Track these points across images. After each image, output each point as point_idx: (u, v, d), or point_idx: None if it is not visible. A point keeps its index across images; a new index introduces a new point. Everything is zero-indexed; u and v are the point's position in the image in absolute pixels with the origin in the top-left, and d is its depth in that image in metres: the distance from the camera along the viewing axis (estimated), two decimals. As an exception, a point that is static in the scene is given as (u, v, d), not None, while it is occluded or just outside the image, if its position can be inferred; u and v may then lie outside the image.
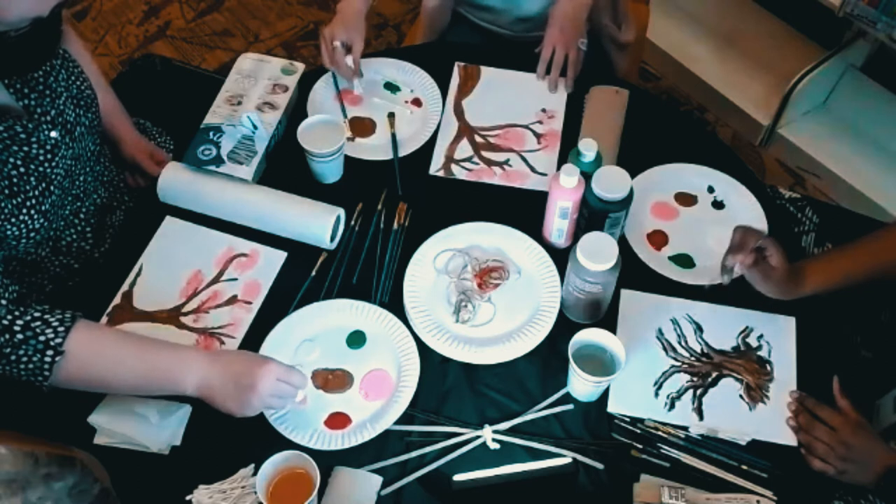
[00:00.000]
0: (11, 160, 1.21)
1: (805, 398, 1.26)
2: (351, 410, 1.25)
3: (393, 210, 1.47)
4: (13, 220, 1.21)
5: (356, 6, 1.58)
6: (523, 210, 1.45)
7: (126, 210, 1.52)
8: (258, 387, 1.13)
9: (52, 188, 1.27)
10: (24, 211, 1.22)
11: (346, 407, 1.25)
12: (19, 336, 1.10)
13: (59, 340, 1.11)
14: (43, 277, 1.38)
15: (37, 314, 1.12)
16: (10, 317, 1.11)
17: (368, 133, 1.58)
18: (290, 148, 1.49)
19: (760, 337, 1.33)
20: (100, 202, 1.45)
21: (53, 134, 1.27)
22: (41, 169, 1.25)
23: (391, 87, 1.65)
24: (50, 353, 1.11)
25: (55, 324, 1.12)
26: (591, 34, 1.73)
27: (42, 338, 1.11)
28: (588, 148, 1.38)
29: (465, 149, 1.56)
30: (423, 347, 1.31)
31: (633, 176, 1.33)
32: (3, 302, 1.12)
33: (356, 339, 1.32)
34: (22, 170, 1.22)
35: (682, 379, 1.29)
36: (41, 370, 1.11)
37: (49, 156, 1.26)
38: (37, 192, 1.24)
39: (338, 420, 1.24)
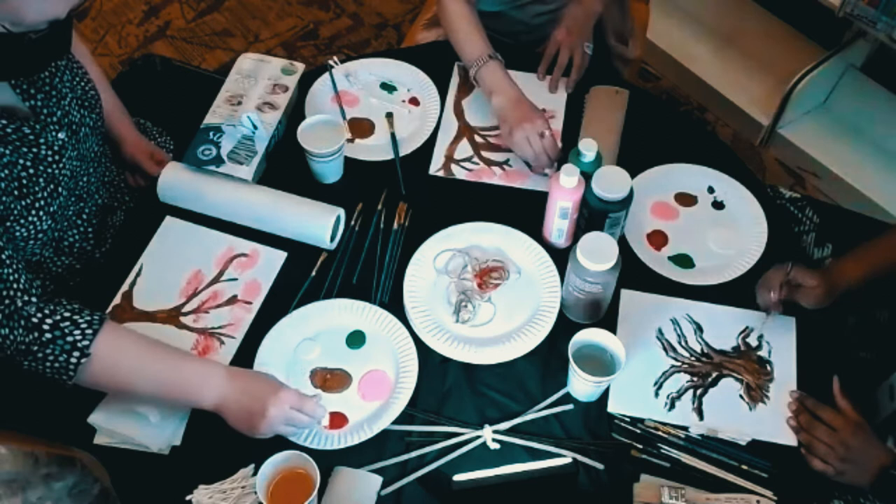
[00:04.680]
0: (21, 162, 1.21)
1: (805, 398, 1.26)
2: (348, 410, 1.25)
3: (393, 210, 1.47)
4: (22, 221, 1.21)
5: (517, 91, 1.49)
6: (523, 210, 1.45)
7: (126, 210, 1.52)
8: (268, 414, 1.14)
9: (59, 189, 1.27)
10: (33, 212, 1.22)
11: (344, 407, 1.25)
12: (48, 335, 1.11)
13: (86, 343, 1.12)
14: (45, 278, 1.38)
15: (66, 314, 1.13)
16: (39, 315, 1.12)
17: (367, 134, 1.58)
18: (290, 148, 1.49)
19: (760, 337, 1.33)
20: (101, 202, 1.45)
21: (61, 135, 1.27)
22: (49, 170, 1.25)
23: (387, 87, 1.66)
24: (76, 354, 1.12)
25: (83, 325, 1.13)
26: (596, 46, 1.74)
27: (70, 338, 1.11)
28: (588, 148, 1.38)
29: (464, 149, 1.56)
30: (423, 347, 1.31)
31: (633, 176, 1.33)
32: (34, 300, 1.12)
33: (356, 339, 1.32)
34: (31, 171, 1.22)
35: (682, 379, 1.29)
36: (66, 370, 1.12)
37: (57, 157, 1.26)
38: (45, 194, 1.24)
39: (335, 420, 1.24)
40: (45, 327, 1.11)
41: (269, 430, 1.15)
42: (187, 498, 1.16)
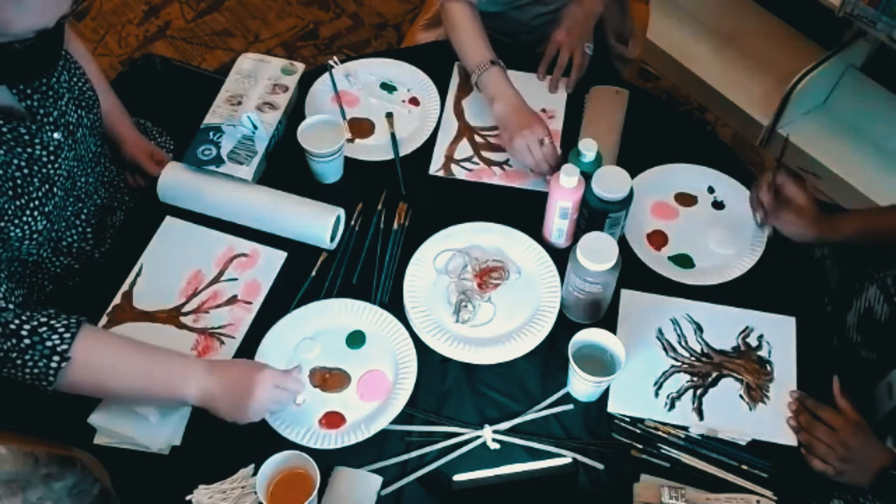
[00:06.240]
0: (15, 161, 1.21)
1: (805, 398, 1.26)
2: (346, 410, 1.25)
3: (393, 210, 1.47)
4: (17, 221, 1.21)
5: (518, 98, 1.49)
6: (523, 210, 1.45)
7: (126, 210, 1.52)
8: (256, 394, 1.14)
9: (55, 189, 1.27)
10: (28, 212, 1.22)
11: (342, 407, 1.26)
12: (26, 341, 1.11)
13: (64, 347, 1.11)
14: (44, 278, 1.39)
15: (43, 319, 1.13)
16: (17, 321, 1.11)
17: (367, 134, 1.58)
18: (290, 148, 1.49)
19: (760, 337, 1.33)
20: (100, 203, 1.45)
21: (56, 135, 1.27)
22: (45, 170, 1.25)
23: (387, 87, 1.66)
24: (56, 358, 1.11)
25: (61, 329, 1.12)
26: (596, 46, 1.74)
27: (49, 343, 1.11)
28: (588, 148, 1.38)
29: (464, 149, 1.56)
30: (423, 347, 1.31)
31: (633, 176, 1.33)
32: (11, 307, 1.12)
33: (356, 339, 1.32)
34: (26, 171, 1.22)
35: (682, 379, 1.29)
36: (46, 375, 1.11)
37: (52, 157, 1.26)
38: (40, 194, 1.24)
39: (332, 419, 1.24)
40: (24, 333, 1.11)
41: (259, 410, 1.16)
42: (187, 498, 1.16)
